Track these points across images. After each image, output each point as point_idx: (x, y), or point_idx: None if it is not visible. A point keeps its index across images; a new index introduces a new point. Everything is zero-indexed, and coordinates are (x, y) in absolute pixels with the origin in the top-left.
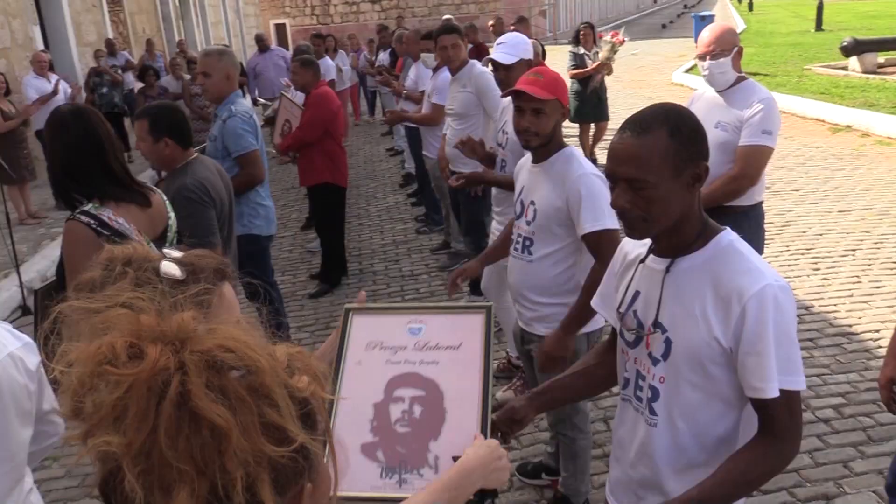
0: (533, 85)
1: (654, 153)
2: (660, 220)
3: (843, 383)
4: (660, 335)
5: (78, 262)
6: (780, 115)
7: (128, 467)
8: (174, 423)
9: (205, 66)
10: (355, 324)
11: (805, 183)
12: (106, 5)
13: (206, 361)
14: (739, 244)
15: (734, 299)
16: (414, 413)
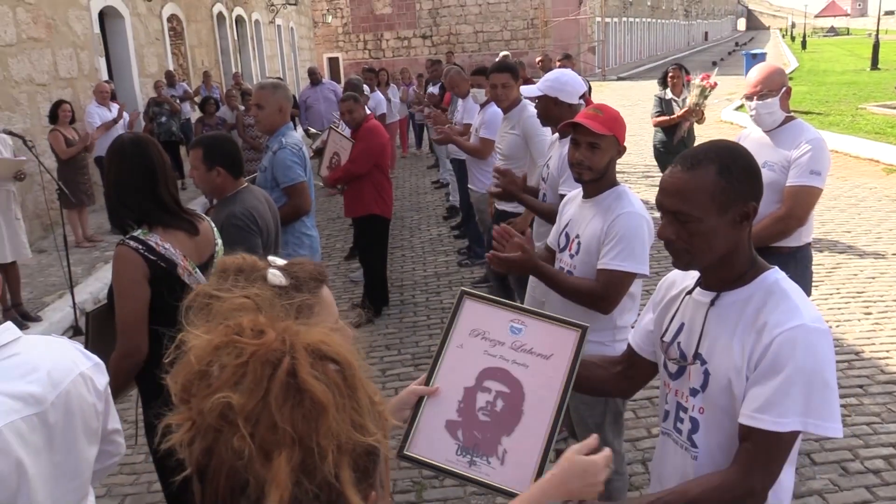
0: (591, 119)
1: (700, 189)
2: (703, 254)
3: (894, 433)
4: (699, 366)
5: (125, 285)
6: (829, 155)
7: (241, 425)
8: (283, 391)
9: (259, 98)
10: (466, 307)
11: (857, 224)
12: (168, 38)
13: (311, 349)
14: (785, 283)
15: (766, 332)
16: (496, 406)
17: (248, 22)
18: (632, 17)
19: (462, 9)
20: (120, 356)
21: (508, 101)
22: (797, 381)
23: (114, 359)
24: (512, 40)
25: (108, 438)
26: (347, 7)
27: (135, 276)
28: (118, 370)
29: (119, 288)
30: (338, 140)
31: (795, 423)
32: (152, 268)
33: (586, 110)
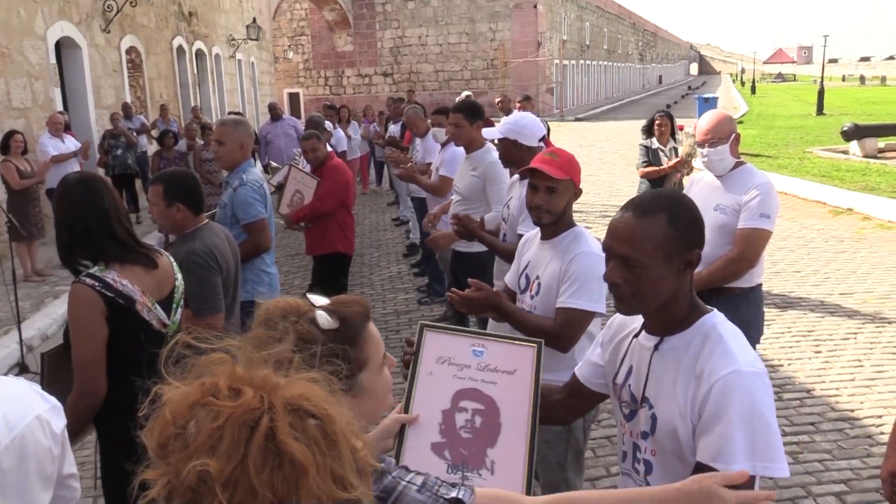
0: (548, 164)
1: (650, 236)
2: (648, 300)
3: (846, 469)
4: (647, 410)
5: (83, 325)
6: (777, 198)
7: (219, 492)
8: (262, 454)
9: (220, 134)
10: (428, 339)
11: (806, 265)
12: (126, 70)
13: (290, 406)
14: (723, 327)
15: (704, 379)
16: (475, 423)
17: (209, 56)
18: (589, 59)
19: (423, 48)
20: (77, 397)
21: (462, 140)
22: (739, 426)
23: (71, 400)
24: (472, 80)
25: (63, 483)
26: (309, 43)
27: (92, 314)
28: (75, 411)
29: (76, 327)
30: (300, 178)
31: (745, 468)
32: (110, 305)
33: (542, 155)
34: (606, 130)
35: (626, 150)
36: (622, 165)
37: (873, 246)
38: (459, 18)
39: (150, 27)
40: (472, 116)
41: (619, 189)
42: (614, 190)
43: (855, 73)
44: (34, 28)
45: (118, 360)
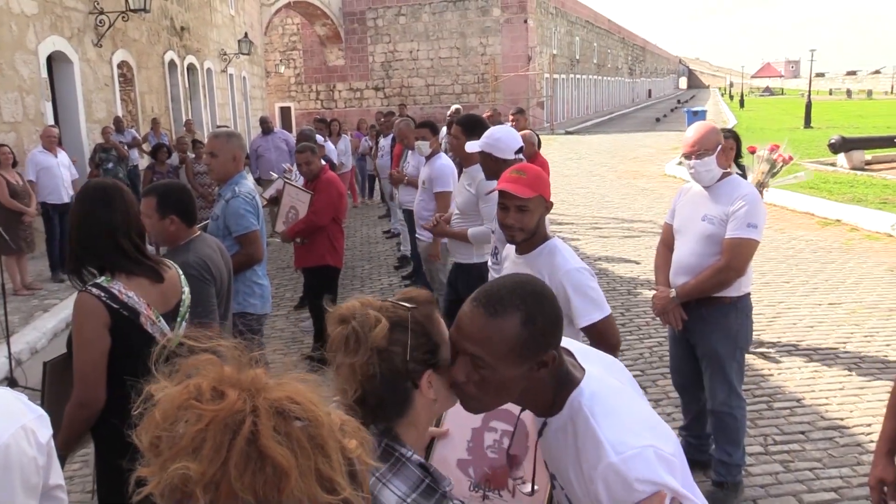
0: (515, 183)
1: (501, 339)
2: (490, 402)
3: (836, 478)
4: (560, 490)
5: (86, 335)
6: (764, 209)
7: (200, 494)
8: (243, 457)
9: (213, 146)
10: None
11: (795, 275)
12: (118, 84)
13: (275, 409)
14: (590, 404)
15: (587, 478)
16: (503, 444)
17: (200, 70)
18: (579, 73)
19: (414, 62)
20: (76, 406)
21: (457, 153)
22: None
23: (69, 408)
24: (463, 94)
25: (49, 494)
26: (300, 58)
27: (96, 324)
28: (74, 420)
29: (79, 337)
30: (293, 193)
31: None
32: (114, 316)
33: (509, 174)
34: (597, 143)
35: (616, 162)
36: (612, 178)
37: (861, 256)
38: (450, 33)
39: (142, 41)
40: (469, 131)
41: (609, 201)
42: (604, 202)
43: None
44: (26, 42)
45: (119, 371)
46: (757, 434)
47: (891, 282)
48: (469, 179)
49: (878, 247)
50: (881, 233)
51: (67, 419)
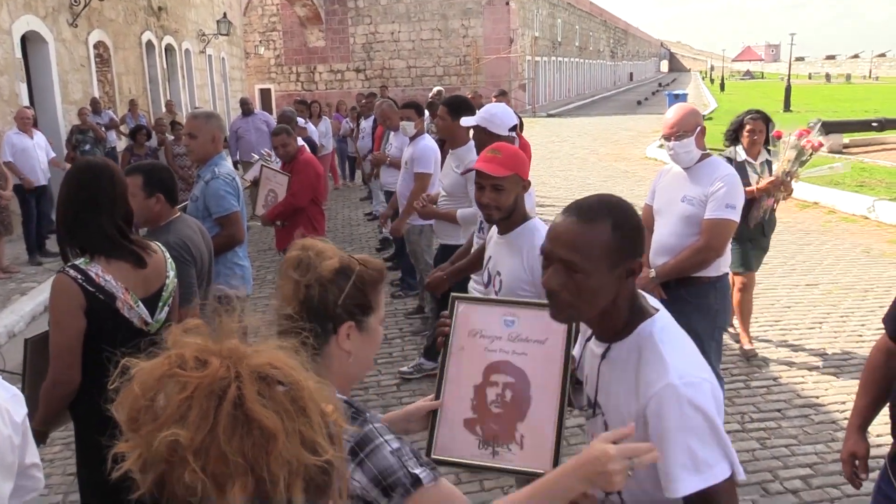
0: (490, 163)
1: (596, 243)
2: (585, 309)
3: (811, 454)
4: (600, 417)
5: (59, 315)
6: (743, 189)
7: (191, 460)
8: (231, 422)
9: (192, 127)
10: (460, 312)
11: (773, 256)
12: (94, 65)
13: (257, 374)
14: (660, 334)
15: (641, 394)
16: (506, 396)
17: (178, 51)
18: (561, 56)
19: (396, 44)
20: (50, 384)
21: (443, 134)
22: (677, 445)
23: (45, 386)
24: (445, 76)
25: (25, 473)
26: (280, 39)
27: (69, 306)
28: (49, 398)
29: (54, 317)
30: (272, 176)
31: (693, 484)
32: (89, 298)
33: (485, 153)
34: (578, 126)
35: (598, 145)
36: (593, 161)
37: (838, 238)
38: (432, 15)
39: (119, 21)
40: (455, 112)
41: (590, 183)
42: (586, 184)
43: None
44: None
45: (95, 352)
46: (734, 412)
47: (866, 263)
48: (457, 161)
49: (855, 229)
50: (858, 215)
51: (43, 396)
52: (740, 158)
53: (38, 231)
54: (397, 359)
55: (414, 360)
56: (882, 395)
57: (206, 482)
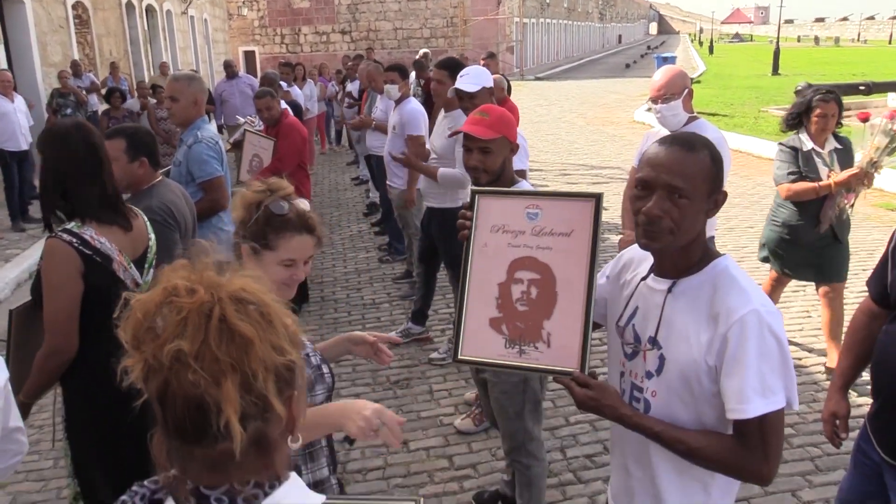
0: (477, 125)
1: (699, 171)
2: (682, 236)
3: (793, 414)
4: (655, 351)
5: (57, 280)
6: (729, 153)
7: (192, 364)
8: (218, 333)
9: (173, 90)
10: (481, 206)
11: (759, 220)
12: (73, 26)
13: (234, 297)
14: (735, 270)
15: (721, 320)
16: (531, 294)
17: (160, 12)
18: (549, 18)
19: (381, 5)
20: (47, 353)
21: (442, 97)
22: (756, 368)
23: (40, 356)
24: (431, 38)
25: (9, 437)
26: (264, 0)
27: (68, 270)
28: (44, 368)
29: (50, 283)
30: (255, 141)
31: (775, 402)
32: (87, 262)
33: (473, 115)
34: (566, 89)
35: (586, 109)
36: (581, 124)
37: None
38: None
39: None
40: (455, 75)
41: (577, 147)
42: (573, 149)
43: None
44: None
45: (90, 317)
46: None
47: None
48: (452, 122)
49: None
50: None
51: (38, 367)
52: (807, 147)
53: (20, 197)
54: (385, 323)
55: (402, 325)
56: (864, 356)
57: (206, 379)
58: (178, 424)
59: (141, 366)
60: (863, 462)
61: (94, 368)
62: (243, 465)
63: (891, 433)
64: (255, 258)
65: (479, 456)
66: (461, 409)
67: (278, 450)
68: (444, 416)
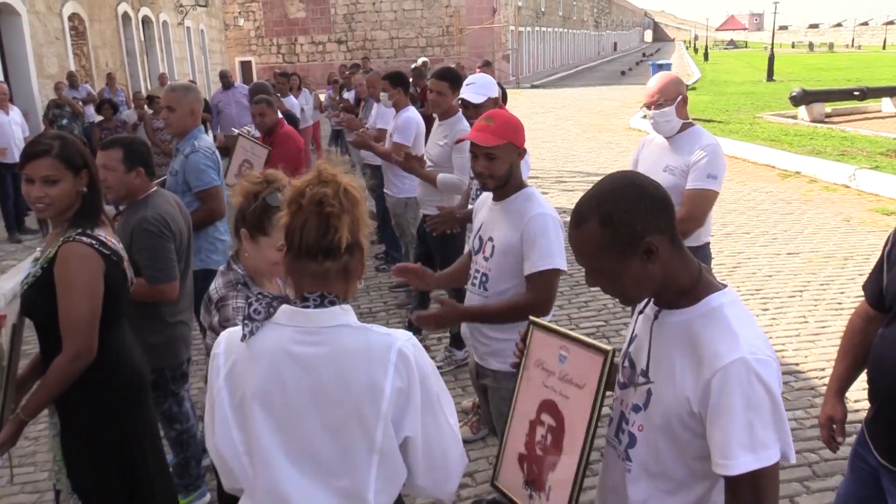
0: (482, 132)
1: (590, 245)
2: (635, 295)
3: (791, 420)
4: (645, 385)
5: (85, 283)
6: (724, 160)
7: (331, 201)
8: (343, 192)
9: (170, 100)
10: (535, 338)
11: (755, 226)
12: (69, 38)
13: (346, 183)
14: (730, 308)
15: (706, 366)
16: (547, 440)
17: (156, 23)
18: (544, 26)
19: (377, 14)
20: (71, 359)
21: (441, 108)
22: (740, 422)
23: (62, 363)
24: (427, 47)
25: None
26: (260, 10)
27: (94, 272)
28: (67, 374)
29: (75, 286)
30: (249, 147)
31: (767, 457)
32: (107, 262)
33: (479, 122)
34: (562, 97)
35: (582, 116)
36: (577, 132)
37: (819, 207)
38: None
39: None
40: (455, 86)
41: (574, 155)
42: (569, 156)
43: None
44: None
45: (105, 317)
46: None
47: (847, 231)
48: (447, 130)
49: (836, 198)
50: (839, 184)
51: (59, 375)
52: None
53: (15, 208)
54: None
55: None
56: (860, 360)
57: (335, 212)
58: (308, 243)
59: (289, 214)
60: (860, 467)
61: (100, 369)
62: (333, 282)
63: (888, 437)
64: (252, 241)
65: (477, 464)
66: (458, 417)
67: (352, 281)
68: None
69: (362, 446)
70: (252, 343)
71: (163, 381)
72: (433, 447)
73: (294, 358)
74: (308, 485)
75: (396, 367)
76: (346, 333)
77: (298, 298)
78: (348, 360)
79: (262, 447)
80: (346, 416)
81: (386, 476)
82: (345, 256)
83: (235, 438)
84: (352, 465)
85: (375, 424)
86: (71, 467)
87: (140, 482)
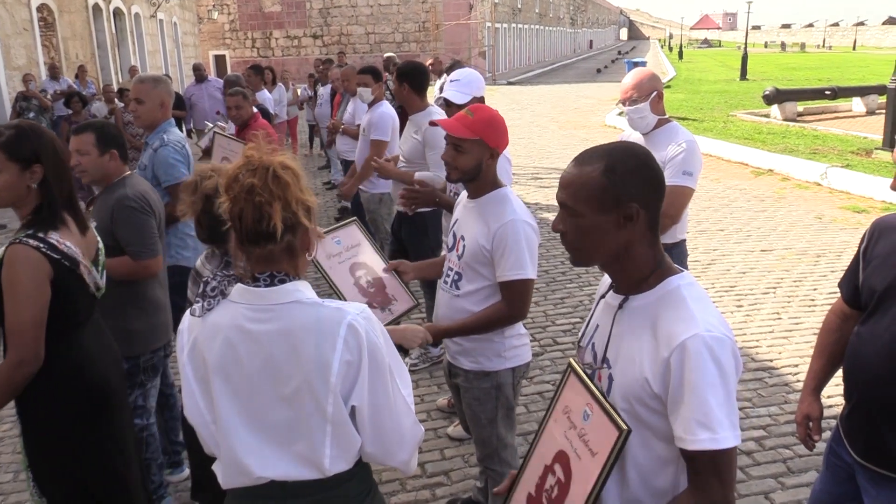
0: (458, 121)
1: (583, 185)
2: (589, 252)
3: (765, 416)
4: (606, 370)
5: (26, 288)
6: (700, 156)
7: (260, 192)
8: (272, 178)
9: (139, 92)
10: (569, 383)
11: (729, 223)
12: (38, 29)
13: (280, 163)
14: (688, 290)
15: (663, 344)
16: (553, 492)
17: (128, 15)
18: (521, 23)
19: (353, 9)
20: (13, 365)
21: (405, 103)
22: (707, 392)
23: (5, 370)
24: (403, 42)
25: None
26: (234, 3)
27: (37, 276)
28: (10, 381)
29: (17, 291)
30: (225, 144)
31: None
32: (55, 267)
33: (461, 112)
34: (538, 94)
35: (558, 113)
36: (554, 128)
37: (792, 205)
38: None
39: None
40: (413, 84)
41: (550, 151)
42: (546, 153)
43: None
44: None
45: (55, 324)
46: None
47: (819, 229)
48: (415, 127)
49: (808, 195)
50: (811, 182)
51: (2, 382)
52: None
53: None
54: None
55: None
56: (836, 358)
57: (265, 200)
58: (248, 231)
59: (229, 201)
60: (835, 464)
61: (59, 378)
62: (279, 262)
63: (863, 434)
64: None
65: (452, 463)
66: (433, 415)
67: (300, 257)
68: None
69: (315, 416)
70: (208, 319)
71: (135, 371)
72: (382, 416)
73: (247, 334)
74: (267, 453)
75: (346, 341)
76: (297, 309)
77: (250, 279)
78: (299, 335)
79: (223, 417)
80: (297, 388)
81: (340, 444)
82: (286, 237)
83: (203, 409)
84: (307, 433)
85: (326, 396)
86: (35, 473)
87: (107, 489)
